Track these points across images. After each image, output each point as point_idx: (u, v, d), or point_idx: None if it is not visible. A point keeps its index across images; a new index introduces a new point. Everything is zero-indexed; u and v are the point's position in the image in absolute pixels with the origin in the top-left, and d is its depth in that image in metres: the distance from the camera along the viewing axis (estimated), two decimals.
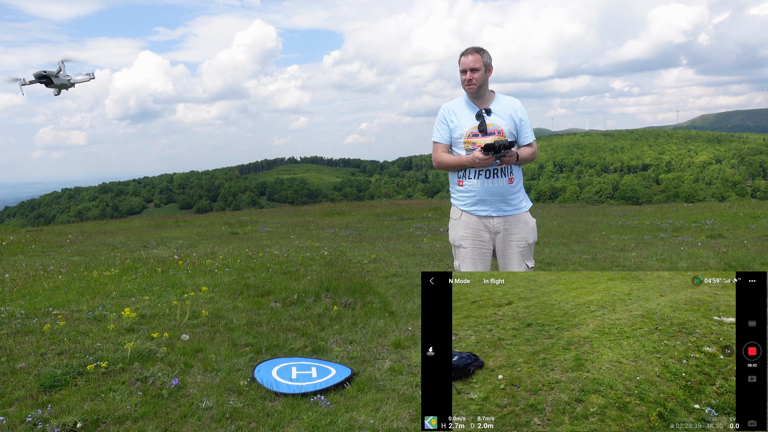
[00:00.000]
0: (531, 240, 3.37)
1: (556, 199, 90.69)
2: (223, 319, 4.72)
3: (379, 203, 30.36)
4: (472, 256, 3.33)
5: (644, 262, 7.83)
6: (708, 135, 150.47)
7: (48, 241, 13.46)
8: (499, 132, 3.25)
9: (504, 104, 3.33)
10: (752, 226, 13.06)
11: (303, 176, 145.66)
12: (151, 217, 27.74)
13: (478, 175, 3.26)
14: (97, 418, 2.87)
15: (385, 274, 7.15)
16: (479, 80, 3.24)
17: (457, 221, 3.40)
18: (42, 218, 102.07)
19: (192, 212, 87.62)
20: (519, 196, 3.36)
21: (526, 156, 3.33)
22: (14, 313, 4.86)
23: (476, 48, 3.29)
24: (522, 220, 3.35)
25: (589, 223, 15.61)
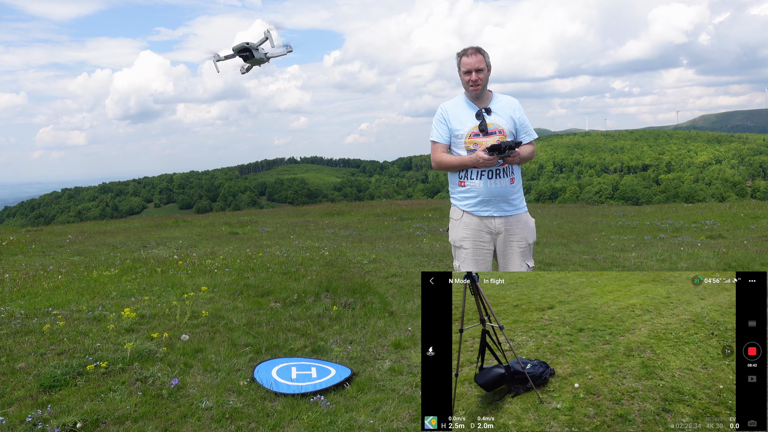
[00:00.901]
0: (531, 240, 3.37)
1: (556, 200, 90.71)
2: (223, 319, 4.72)
3: (379, 203, 30.37)
4: (473, 257, 3.31)
5: (644, 263, 7.83)
6: (708, 135, 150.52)
7: (48, 241, 13.46)
8: (500, 131, 3.23)
9: (503, 103, 3.32)
10: (752, 226, 13.06)
11: (303, 176, 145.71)
12: (151, 217, 27.74)
13: (481, 176, 3.23)
14: (97, 418, 2.87)
15: (385, 274, 7.15)
16: (484, 81, 3.23)
17: (458, 222, 3.38)
18: (42, 218, 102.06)
19: (192, 212, 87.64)
20: (519, 196, 3.36)
21: (527, 154, 3.32)
22: (14, 313, 4.86)
23: (477, 48, 3.26)
24: (522, 220, 3.34)
25: (589, 224, 15.61)
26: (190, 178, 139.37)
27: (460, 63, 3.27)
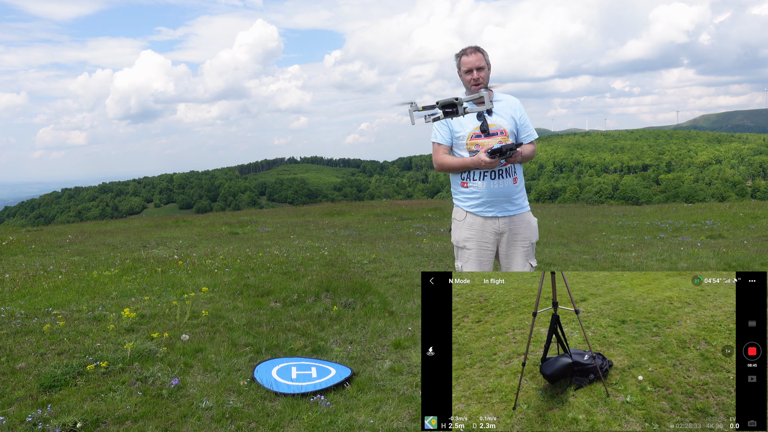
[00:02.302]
0: (534, 239, 3.37)
1: (556, 199, 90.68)
2: (223, 319, 4.72)
3: (379, 203, 30.34)
4: (476, 257, 3.30)
5: (644, 263, 7.83)
6: (708, 135, 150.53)
7: (48, 241, 13.45)
8: (501, 132, 3.21)
9: (504, 103, 3.30)
10: (752, 226, 13.06)
11: (303, 176, 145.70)
12: (151, 217, 27.72)
13: (484, 177, 3.22)
14: (97, 418, 2.87)
15: (385, 274, 7.15)
16: (485, 79, 3.21)
17: (461, 222, 3.36)
18: (42, 218, 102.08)
19: (192, 212, 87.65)
20: (522, 195, 3.35)
21: (528, 154, 3.30)
22: (14, 313, 4.86)
23: (476, 47, 3.24)
24: (525, 219, 3.33)
25: (589, 223, 15.61)
26: (190, 178, 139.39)
27: (459, 63, 3.25)
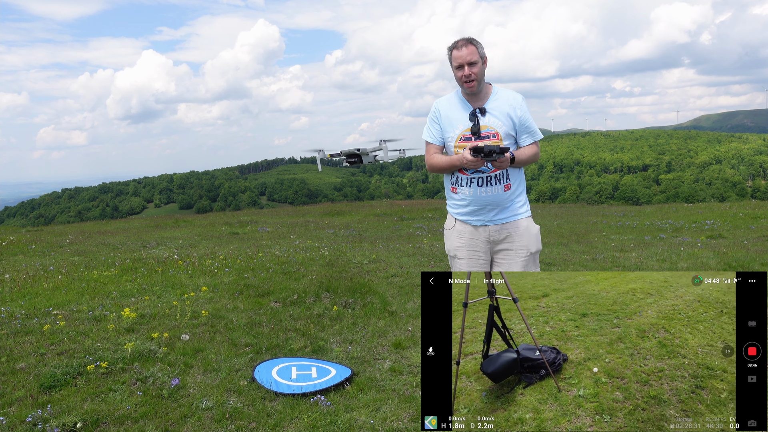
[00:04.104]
0: (534, 248, 3.07)
1: (556, 200, 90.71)
2: (223, 319, 4.72)
3: (379, 203, 30.32)
4: (468, 267, 3.08)
5: (644, 263, 7.83)
6: (708, 135, 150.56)
7: (48, 241, 13.45)
8: (493, 135, 2.94)
9: (501, 101, 2.99)
10: (752, 226, 13.05)
11: (303, 176, 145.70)
12: (151, 217, 27.72)
13: (471, 183, 2.98)
14: (97, 418, 2.87)
15: (385, 274, 7.15)
16: (479, 75, 2.92)
17: (451, 231, 3.16)
18: (42, 218, 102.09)
19: (192, 212, 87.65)
20: (518, 201, 3.06)
21: (526, 158, 2.99)
22: (14, 313, 4.86)
23: (468, 39, 2.94)
24: (522, 226, 3.05)
25: (589, 224, 15.61)
26: (190, 178, 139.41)
27: (451, 57, 2.95)
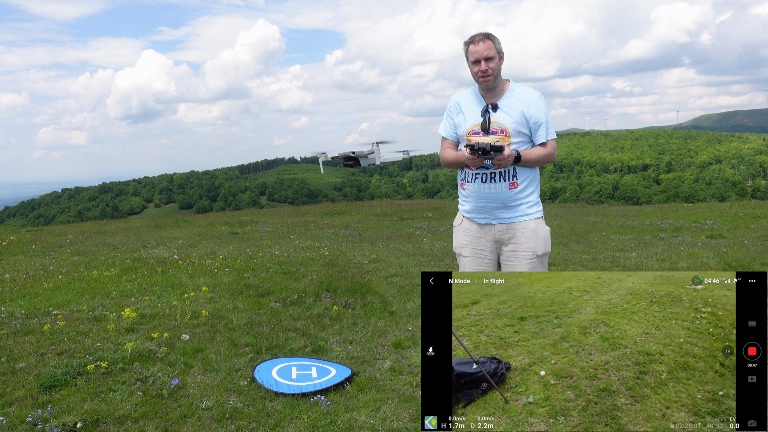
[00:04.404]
0: (540, 251, 2.99)
1: (556, 199, 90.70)
2: (223, 319, 4.72)
3: (379, 203, 30.32)
4: (473, 266, 3.04)
5: (644, 262, 7.83)
6: (708, 135, 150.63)
7: (48, 241, 13.45)
8: (501, 131, 2.89)
9: (517, 98, 2.94)
10: (752, 226, 13.05)
11: (303, 176, 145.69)
12: (151, 217, 27.72)
13: (475, 179, 2.95)
14: (97, 418, 2.87)
15: (385, 274, 7.15)
16: (495, 70, 2.86)
17: (458, 228, 3.14)
18: (42, 218, 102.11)
19: (192, 212, 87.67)
20: (527, 201, 2.98)
21: (535, 157, 2.91)
22: (14, 313, 4.86)
23: (486, 34, 2.89)
24: (529, 228, 2.97)
25: (589, 223, 15.61)
26: (190, 178, 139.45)
27: (467, 52, 2.90)
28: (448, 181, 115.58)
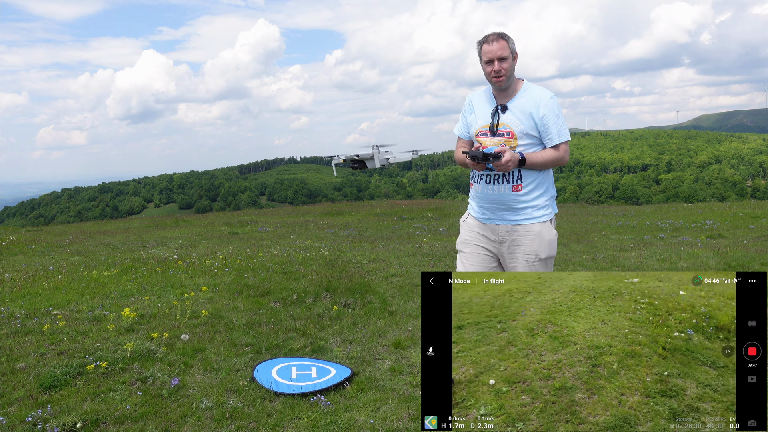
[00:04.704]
0: (544, 255, 2.94)
1: (556, 199, 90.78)
2: (223, 319, 4.72)
3: (379, 203, 30.31)
4: (470, 262, 3.05)
5: (644, 262, 7.83)
6: (708, 135, 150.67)
7: (48, 241, 13.45)
8: (508, 133, 2.88)
9: (527, 98, 2.91)
10: (752, 226, 13.05)
11: (303, 176, 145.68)
12: (151, 217, 27.71)
13: (480, 179, 2.96)
14: (97, 418, 2.87)
15: (385, 274, 7.15)
16: (509, 71, 2.84)
17: (463, 224, 3.16)
18: (42, 218, 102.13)
19: (192, 212, 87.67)
20: (534, 204, 2.94)
21: (542, 160, 2.88)
22: (14, 313, 4.86)
23: (500, 33, 2.86)
24: (533, 231, 2.93)
25: (589, 223, 15.61)
26: (190, 178, 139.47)
27: (481, 52, 2.87)
28: (447, 181, 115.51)
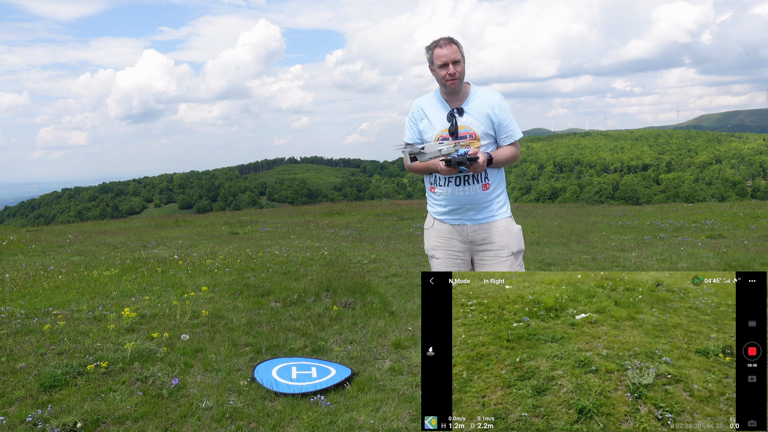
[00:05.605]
0: (515, 248, 3.03)
1: (556, 199, 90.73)
2: (223, 319, 4.72)
3: (379, 203, 30.32)
4: (445, 267, 3.07)
5: (644, 262, 7.83)
6: (708, 135, 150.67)
7: (48, 241, 13.45)
8: (471, 135, 2.92)
9: (480, 100, 2.97)
10: (752, 226, 13.05)
11: (303, 176, 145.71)
12: (151, 217, 27.71)
13: (448, 182, 2.96)
14: (97, 418, 2.88)
15: (385, 274, 7.15)
16: (462, 73, 2.90)
17: (429, 230, 3.15)
18: (42, 218, 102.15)
19: (192, 212, 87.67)
20: (497, 201, 3.03)
21: (504, 158, 2.96)
22: (14, 313, 4.86)
23: (450, 38, 2.91)
24: (501, 226, 3.01)
25: (589, 223, 15.61)
26: (190, 178, 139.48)
27: (432, 56, 2.92)
28: None
